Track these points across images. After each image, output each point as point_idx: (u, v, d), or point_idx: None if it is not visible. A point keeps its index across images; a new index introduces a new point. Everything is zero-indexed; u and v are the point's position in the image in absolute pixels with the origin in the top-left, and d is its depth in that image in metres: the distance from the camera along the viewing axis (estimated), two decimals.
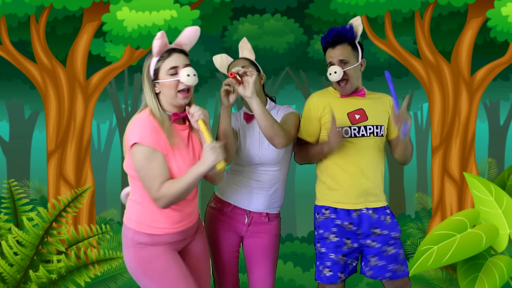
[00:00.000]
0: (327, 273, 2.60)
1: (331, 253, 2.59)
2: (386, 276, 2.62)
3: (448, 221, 3.20)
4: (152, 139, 2.13)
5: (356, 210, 2.59)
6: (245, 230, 2.64)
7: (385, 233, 2.62)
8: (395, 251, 2.64)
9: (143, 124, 2.15)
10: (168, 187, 2.14)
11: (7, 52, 4.67)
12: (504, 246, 3.11)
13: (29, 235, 3.49)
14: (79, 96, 4.72)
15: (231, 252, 2.67)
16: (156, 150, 2.13)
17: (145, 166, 2.14)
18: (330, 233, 2.59)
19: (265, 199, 2.62)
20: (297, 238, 6.17)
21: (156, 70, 2.19)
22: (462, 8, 4.87)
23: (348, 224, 2.58)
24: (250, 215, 2.62)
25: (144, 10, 4.27)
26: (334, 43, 2.55)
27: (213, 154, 2.12)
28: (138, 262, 2.25)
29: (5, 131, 8.63)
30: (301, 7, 5.65)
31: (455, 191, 4.77)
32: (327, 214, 2.61)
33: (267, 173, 2.61)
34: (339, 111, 2.58)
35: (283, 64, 6.56)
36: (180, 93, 2.19)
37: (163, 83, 2.17)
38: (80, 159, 4.77)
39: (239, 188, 2.62)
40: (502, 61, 4.71)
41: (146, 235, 2.24)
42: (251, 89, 2.32)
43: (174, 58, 2.18)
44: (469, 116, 4.74)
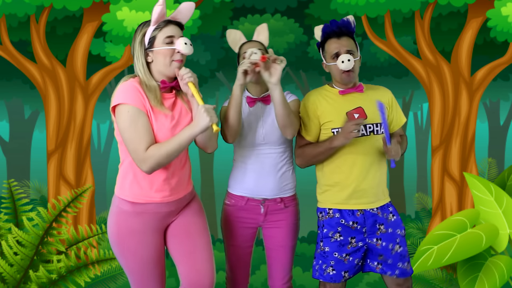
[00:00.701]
0: (331, 271, 2.59)
1: (335, 251, 2.58)
2: (395, 272, 2.60)
3: (448, 221, 3.20)
4: (136, 99, 2.16)
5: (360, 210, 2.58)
6: (262, 220, 2.66)
7: (390, 231, 2.60)
8: (402, 249, 2.63)
9: (126, 87, 2.18)
10: (157, 147, 2.15)
11: (7, 52, 4.67)
12: (504, 246, 3.11)
13: (29, 235, 3.49)
14: (79, 96, 4.72)
15: (246, 248, 2.70)
16: (140, 110, 2.16)
17: (130, 126, 2.16)
18: (335, 232, 2.58)
19: (275, 182, 2.63)
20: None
21: (152, 38, 2.22)
22: (462, 8, 4.87)
23: (353, 223, 2.57)
24: (265, 204, 2.63)
25: (144, 10, 4.27)
26: (339, 34, 2.55)
27: (207, 116, 2.12)
28: (117, 231, 2.29)
29: (5, 131, 8.62)
30: (301, 7, 5.65)
31: (455, 191, 4.77)
32: (331, 214, 2.60)
33: (272, 155, 2.62)
34: (337, 111, 2.57)
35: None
36: (175, 61, 2.22)
37: (158, 51, 2.21)
38: (80, 159, 4.77)
39: (248, 175, 2.63)
40: (502, 61, 4.71)
41: (129, 203, 2.26)
42: (278, 77, 2.40)
43: (171, 28, 2.23)
44: (469, 116, 4.74)
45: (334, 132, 2.56)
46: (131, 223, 2.28)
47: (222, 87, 8.11)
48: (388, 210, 2.64)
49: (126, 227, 2.28)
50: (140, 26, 2.27)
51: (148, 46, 2.23)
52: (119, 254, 2.32)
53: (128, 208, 2.27)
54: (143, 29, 2.24)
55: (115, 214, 2.31)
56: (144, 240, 2.29)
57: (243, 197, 2.64)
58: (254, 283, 4.24)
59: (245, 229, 2.67)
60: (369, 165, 2.57)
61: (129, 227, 2.28)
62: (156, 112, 2.20)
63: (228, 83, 7.62)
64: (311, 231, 6.47)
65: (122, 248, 2.29)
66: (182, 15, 2.27)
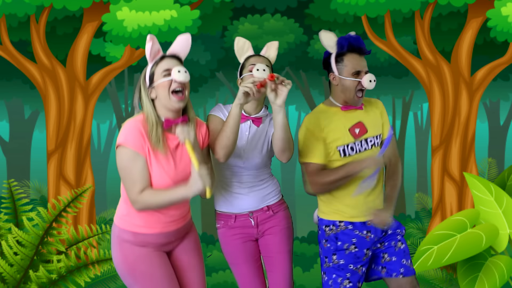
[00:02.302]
0: (347, 284, 2.53)
1: (350, 264, 2.53)
2: (401, 271, 2.58)
3: (448, 221, 3.20)
4: (136, 142, 2.17)
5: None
6: (256, 232, 2.63)
7: (390, 232, 2.61)
8: (404, 246, 2.62)
9: (130, 128, 2.20)
10: (149, 195, 2.18)
11: (7, 52, 4.67)
12: (504, 246, 3.11)
13: (29, 235, 3.49)
14: (79, 96, 4.72)
15: (254, 262, 2.65)
16: (139, 154, 2.17)
17: (126, 168, 2.19)
18: (350, 244, 2.52)
19: (257, 196, 2.60)
20: (297, 238, 6.16)
21: (151, 75, 2.23)
22: (462, 8, 4.87)
23: (367, 232, 2.54)
24: (253, 216, 2.61)
25: (144, 10, 4.27)
26: (361, 52, 2.49)
27: (200, 183, 2.13)
28: (123, 260, 2.28)
29: (5, 131, 8.62)
30: (301, 7, 5.65)
31: (455, 191, 4.77)
32: (343, 226, 2.53)
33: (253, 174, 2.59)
34: (340, 128, 2.51)
35: (283, 64, 6.56)
36: (173, 95, 2.20)
37: (158, 85, 2.21)
38: (80, 159, 4.77)
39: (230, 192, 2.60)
40: (502, 61, 4.71)
41: (130, 233, 2.27)
42: (283, 99, 2.32)
43: (167, 61, 2.23)
44: (469, 116, 4.74)
45: (340, 150, 2.50)
46: (137, 251, 2.28)
47: (222, 87, 8.11)
48: None
49: (132, 253, 2.28)
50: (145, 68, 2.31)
51: (150, 83, 2.24)
52: (133, 282, 2.29)
53: (130, 238, 2.28)
54: (144, 70, 2.28)
55: (118, 244, 2.30)
56: (153, 261, 2.29)
57: (231, 215, 2.61)
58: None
59: (244, 243, 2.62)
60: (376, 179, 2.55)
61: (135, 253, 2.28)
62: (156, 153, 2.22)
63: (228, 83, 7.62)
64: (311, 231, 6.46)
65: (135, 275, 2.28)
66: (179, 47, 2.28)
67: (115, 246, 2.31)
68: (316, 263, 4.98)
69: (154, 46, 2.22)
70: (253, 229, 2.62)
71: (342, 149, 2.50)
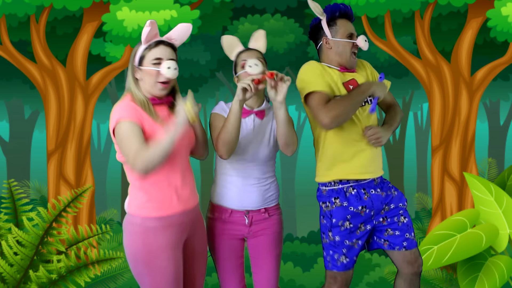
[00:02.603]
0: (344, 260, 2.58)
1: (346, 239, 2.57)
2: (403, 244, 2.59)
3: (448, 221, 3.20)
4: (132, 114, 2.21)
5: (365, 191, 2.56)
6: (247, 231, 2.62)
7: (392, 207, 2.61)
8: (407, 220, 2.63)
9: (122, 105, 2.25)
10: (146, 148, 2.18)
11: (7, 52, 4.67)
12: (504, 246, 3.11)
13: (29, 235, 3.49)
14: (79, 96, 4.72)
15: (236, 259, 2.64)
16: (136, 123, 2.21)
17: (127, 137, 2.20)
18: (345, 220, 2.55)
19: (259, 193, 2.59)
20: (297, 238, 6.17)
21: (141, 57, 2.25)
22: (462, 8, 4.87)
23: (362, 208, 2.55)
24: (249, 215, 2.60)
25: (144, 10, 4.27)
26: (350, 17, 2.61)
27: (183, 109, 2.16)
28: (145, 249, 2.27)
29: (5, 131, 8.62)
30: (301, 7, 5.65)
31: (455, 191, 4.77)
32: (339, 203, 2.57)
33: (258, 170, 2.59)
34: (335, 81, 2.58)
35: (283, 64, 6.56)
36: (159, 83, 2.25)
37: (145, 70, 2.24)
38: (80, 159, 4.77)
39: (232, 188, 2.59)
40: (502, 61, 4.71)
41: (154, 219, 2.28)
42: (284, 95, 2.35)
43: (160, 49, 2.25)
44: (469, 116, 4.74)
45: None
46: (161, 239, 2.28)
47: (222, 87, 8.11)
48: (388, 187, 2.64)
49: (156, 244, 2.27)
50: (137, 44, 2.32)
51: (138, 64, 2.27)
52: (146, 272, 2.29)
53: (155, 224, 2.28)
54: (136, 47, 2.29)
55: (141, 233, 2.28)
56: (172, 256, 2.30)
57: (227, 209, 2.59)
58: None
59: (231, 240, 2.62)
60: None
61: (160, 243, 2.27)
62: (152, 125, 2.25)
63: (228, 83, 7.62)
64: (311, 231, 6.47)
65: (150, 267, 2.28)
66: (177, 35, 2.29)
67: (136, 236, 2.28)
68: (316, 263, 4.98)
69: (152, 30, 2.23)
70: (246, 227, 2.61)
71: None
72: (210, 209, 2.67)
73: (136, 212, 2.31)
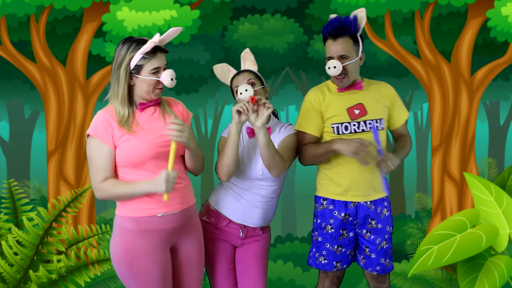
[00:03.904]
0: (323, 260, 2.67)
1: (327, 243, 2.64)
2: (376, 269, 2.65)
3: (448, 221, 3.20)
4: (102, 132, 2.23)
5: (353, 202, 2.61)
6: (239, 243, 2.65)
7: (380, 226, 2.63)
8: (388, 245, 2.66)
9: (99, 118, 2.27)
10: (112, 185, 2.23)
11: (7, 52, 4.67)
12: (504, 246, 3.10)
13: (29, 235, 3.49)
14: (79, 96, 4.72)
15: (228, 264, 2.66)
16: (104, 144, 2.23)
17: (91, 157, 2.25)
18: (327, 224, 2.64)
19: (262, 213, 2.63)
20: (297, 238, 6.17)
21: (139, 66, 2.24)
22: (462, 8, 4.87)
23: (345, 215, 2.61)
24: (245, 229, 2.63)
25: (144, 10, 4.27)
26: (336, 35, 2.51)
27: (164, 185, 2.16)
28: (125, 253, 2.27)
29: (5, 131, 8.62)
30: (301, 7, 5.65)
31: (455, 191, 4.77)
32: (325, 205, 2.65)
33: (267, 188, 2.60)
34: (338, 107, 2.58)
35: (283, 64, 6.56)
36: (157, 89, 2.28)
37: (144, 79, 2.24)
38: (80, 159, 4.77)
39: (237, 202, 2.60)
40: (502, 61, 4.71)
41: (131, 220, 2.27)
42: (263, 121, 2.37)
43: (158, 59, 2.25)
44: (469, 116, 4.74)
45: (334, 127, 2.57)
46: (139, 243, 2.27)
47: (222, 87, 8.11)
48: (383, 205, 2.66)
49: (134, 247, 2.27)
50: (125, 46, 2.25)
51: (134, 72, 2.25)
52: (129, 276, 2.30)
53: (133, 227, 2.27)
54: (129, 53, 2.24)
55: (120, 235, 2.30)
56: (154, 259, 2.28)
57: (225, 218, 2.62)
58: None
59: (224, 243, 2.64)
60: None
61: (138, 247, 2.27)
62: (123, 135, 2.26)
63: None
64: (311, 231, 6.46)
65: (133, 270, 2.28)
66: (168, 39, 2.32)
67: (117, 237, 2.31)
68: None
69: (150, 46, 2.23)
70: (239, 239, 2.64)
71: (336, 127, 2.57)
72: (206, 211, 2.67)
73: (118, 211, 2.33)
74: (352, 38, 2.54)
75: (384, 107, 2.64)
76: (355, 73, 2.57)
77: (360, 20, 2.54)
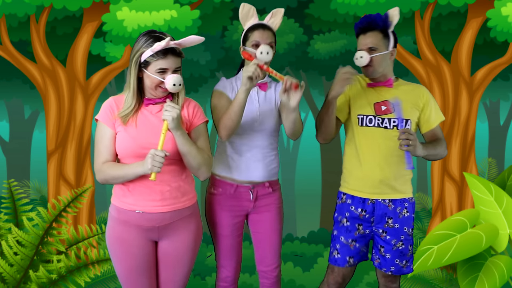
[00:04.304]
0: (336, 255, 2.67)
1: (342, 236, 2.65)
2: (391, 269, 2.63)
3: (448, 221, 3.20)
4: (106, 117, 2.30)
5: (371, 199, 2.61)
6: (252, 206, 2.65)
7: (397, 226, 2.62)
8: (404, 247, 2.65)
9: (106, 103, 2.34)
10: (108, 167, 2.28)
11: (7, 52, 4.67)
12: (504, 246, 3.11)
13: (29, 235, 3.49)
14: (79, 96, 4.72)
15: (237, 236, 2.69)
16: (107, 127, 2.29)
17: (97, 140, 2.32)
18: (343, 217, 2.66)
19: (264, 167, 2.63)
20: (297, 238, 6.16)
21: (147, 62, 2.25)
22: (462, 8, 4.86)
23: (361, 211, 2.62)
24: (254, 190, 2.62)
25: (144, 10, 4.27)
26: (365, 30, 2.57)
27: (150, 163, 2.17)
28: (110, 237, 2.37)
29: (5, 131, 8.63)
30: (301, 7, 5.64)
31: (455, 191, 4.77)
32: (344, 199, 2.67)
33: (264, 142, 2.64)
34: (366, 100, 2.61)
35: (283, 64, 6.55)
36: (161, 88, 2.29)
37: (148, 76, 2.26)
38: (80, 159, 4.77)
39: (238, 158, 2.61)
40: (502, 61, 4.71)
41: (115, 208, 2.35)
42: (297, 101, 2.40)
43: (168, 61, 2.23)
44: (469, 116, 4.74)
45: (359, 118, 2.61)
46: (119, 231, 2.34)
47: None
48: (403, 205, 2.65)
49: (114, 234, 2.35)
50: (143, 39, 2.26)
51: (143, 65, 2.27)
52: (111, 256, 2.42)
53: (115, 214, 2.36)
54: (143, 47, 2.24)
55: (109, 220, 2.40)
56: (130, 251, 2.33)
57: (232, 184, 2.62)
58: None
59: (235, 218, 2.65)
60: (385, 157, 2.59)
61: (117, 234, 2.34)
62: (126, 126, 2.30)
63: None
64: (311, 231, 6.47)
65: (111, 254, 2.40)
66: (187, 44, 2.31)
67: (108, 222, 2.41)
68: (316, 263, 4.98)
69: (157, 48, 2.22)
70: (250, 203, 2.64)
71: (361, 118, 2.61)
72: (213, 184, 2.68)
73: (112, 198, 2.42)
74: (382, 32, 2.57)
75: (413, 108, 2.64)
76: (384, 67, 2.59)
77: (392, 17, 2.58)
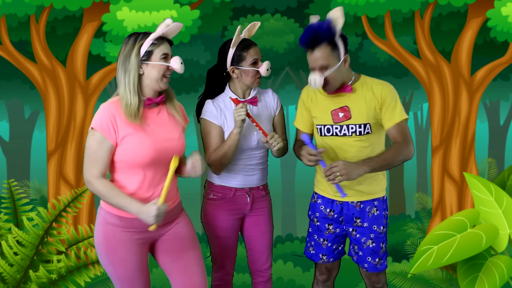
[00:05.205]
0: (311, 251, 2.76)
1: (315, 234, 2.75)
2: (364, 266, 2.68)
3: (448, 221, 3.20)
4: (105, 128, 2.23)
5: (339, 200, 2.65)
6: (248, 208, 2.78)
7: (366, 225, 2.63)
8: (375, 245, 2.64)
9: (103, 112, 2.26)
10: (105, 188, 2.24)
11: (7, 52, 4.66)
12: (504, 246, 3.11)
13: (29, 235, 3.49)
14: (79, 96, 4.72)
15: (233, 238, 2.81)
16: (106, 139, 2.24)
17: (91, 148, 2.26)
18: (315, 216, 2.74)
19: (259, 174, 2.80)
20: (297, 238, 6.16)
21: (149, 52, 2.26)
22: (462, 8, 4.86)
23: (330, 211, 2.68)
24: (250, 193, 2.76)
25: (144, 10, 4.27)
26: (311, 45, 2.43)
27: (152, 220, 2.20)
28: (105, 241, 2.35)
29: (5, 131, 8.62)
30: (301, 7, 5.64)
31: (455, 191, 4.77)
32: (316, 199, 2.74)
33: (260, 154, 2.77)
34: (323, 108, 2.58)
35: (283, 64, 6.55)
36: (165, 77, 2.31)
37: (154, 65, 2.27)
38: (80, 159, 4.77)
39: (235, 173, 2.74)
40: (502, 61, 4.71)
41: (116, 217, 2.33)
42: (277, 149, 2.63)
43: (166, 46, 2.31)
44: (469, 116, 4.74)
45: (318, 128, 2.61)
46: (120, 236, 2.34)
47: None
48: (373, 204, 2.64)
49: (114, 237, 2.35)
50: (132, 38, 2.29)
51: (144, 59, 2.26)
52: (108, 262, 2.38)
53: (115, 221, 2.34)
54: (139, 41, 2.26)
55: (102, 225, 2.36)
56: (131, 249, 2.36)
57: (231, 188, 2.74)
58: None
59: (233, 221, 2.77)
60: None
61: (117, 237, 2.34)
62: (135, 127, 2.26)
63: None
64: None
65: (112, 257, 2.36)
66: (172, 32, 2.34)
67: (99, 226, 2.37)
68: None
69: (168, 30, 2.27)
70: (247, 205, 2.77)
71: (319, 128, 2.60)
72: (211, 189, 2.78)
73: (103, 204, 2.37)
74: (331, 43, 2.42)
75: (373, 109, 2.52)
76: (339, 79, 2.48)
77: (335, 22, 2.42)
